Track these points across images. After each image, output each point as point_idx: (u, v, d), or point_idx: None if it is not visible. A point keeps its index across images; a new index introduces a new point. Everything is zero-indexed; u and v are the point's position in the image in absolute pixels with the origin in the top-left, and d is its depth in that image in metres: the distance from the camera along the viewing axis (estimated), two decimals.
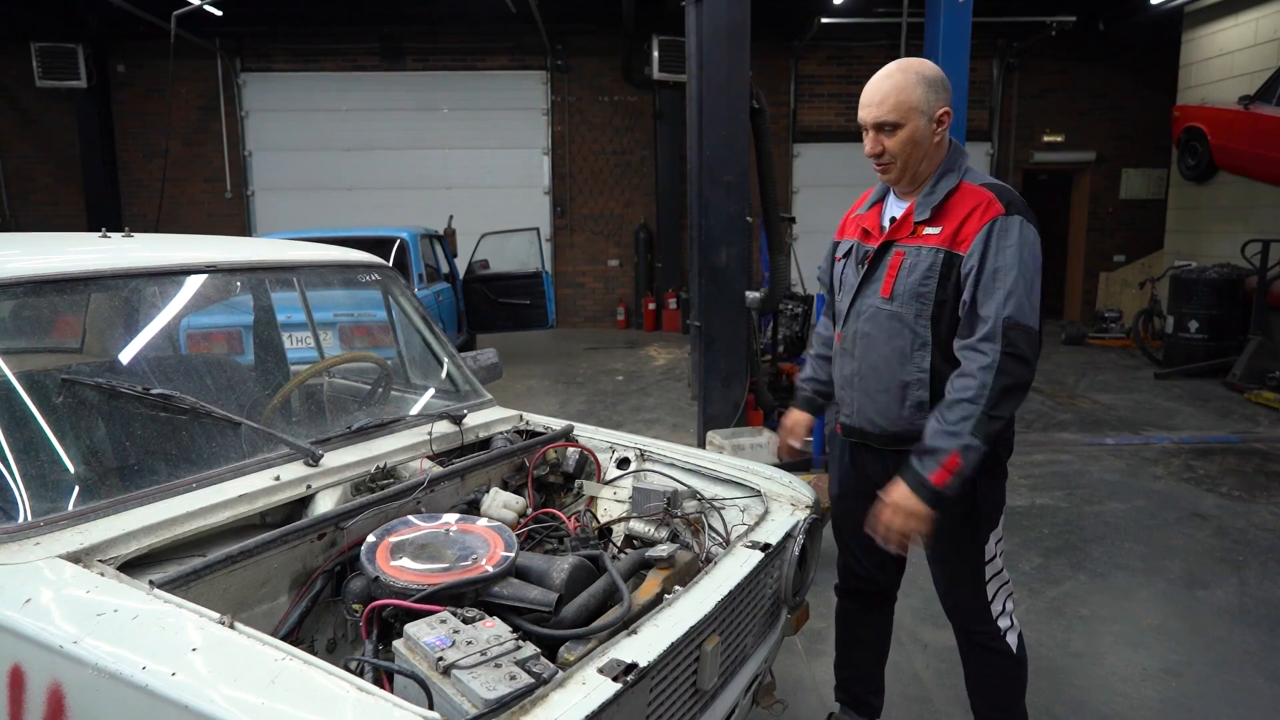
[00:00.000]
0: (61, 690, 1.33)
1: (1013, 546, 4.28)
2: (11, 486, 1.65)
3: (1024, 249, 1.98)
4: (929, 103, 2.04)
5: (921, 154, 2.08)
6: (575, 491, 2.50)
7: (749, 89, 5.02)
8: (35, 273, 1.95)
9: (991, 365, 1.92)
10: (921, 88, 2.04)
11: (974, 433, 1.92)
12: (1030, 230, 2.01)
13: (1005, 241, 1.98)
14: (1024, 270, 1.96)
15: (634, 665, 1.42)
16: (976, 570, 2.22)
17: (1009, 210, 2.01)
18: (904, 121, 2.05)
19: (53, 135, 12.48)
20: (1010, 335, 1.91)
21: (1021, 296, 1.94)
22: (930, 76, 2.06)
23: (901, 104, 2.04)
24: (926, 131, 2.06)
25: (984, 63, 12.34)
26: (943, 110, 2.06)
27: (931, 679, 3.07)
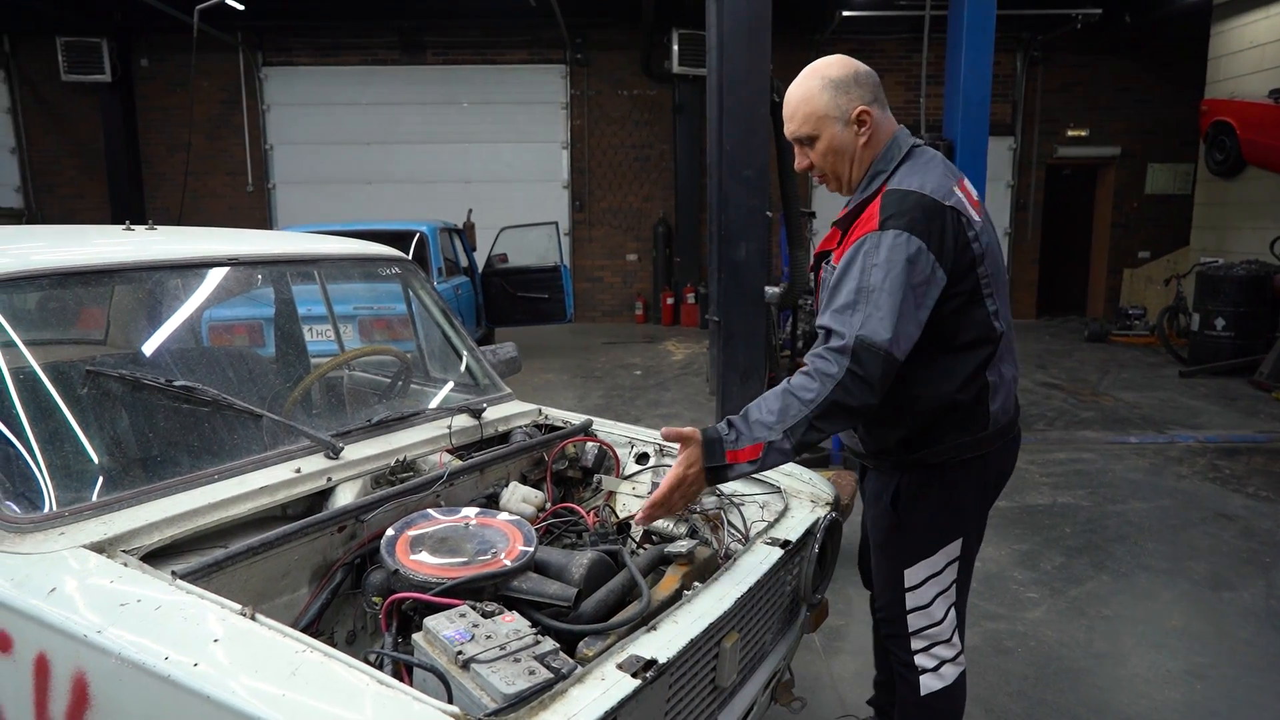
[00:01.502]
0: (86, 679, 1.34)
1: (1034, 545, 4.24)
2: (37, 476, 1.66)
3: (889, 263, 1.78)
4: (839, 106, 1.91)
5: (847, 160, 1.96)
6: (594, 486, 2.49)
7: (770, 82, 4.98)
8: (60, 265, 1.97)
9: (840, 376, 1.76)
10: (828, 93, 1.91)
11: (788, 434, 1.79)
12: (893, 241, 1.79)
13: (870, 257, 1.80)
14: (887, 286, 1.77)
15: (653, 661, 1.41)
16: (895, 598, 2.07)
17: (883, 225, 1.81)
18: (817, 132, 1.94)
19: (77, 129, 12.61)
20: (859, 353, 1.75)
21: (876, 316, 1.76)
22: (836, 77, 1.91)
23: (810, 115, 1.93)
24: (846, 136, 1.93)
25: (1007, 56, 12.20)
26: (859, 109, 1.91)
27: None
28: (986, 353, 1.94)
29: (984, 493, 2.07)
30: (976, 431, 1.96)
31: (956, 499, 2.02)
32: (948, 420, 1.94)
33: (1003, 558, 4.09)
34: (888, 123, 1.97)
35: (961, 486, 2.01)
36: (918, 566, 2.02)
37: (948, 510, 2.02)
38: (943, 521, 2.02)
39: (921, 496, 2.00)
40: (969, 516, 2.05)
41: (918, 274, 1.78)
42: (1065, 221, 13.24)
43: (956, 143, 5.76)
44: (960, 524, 2.04)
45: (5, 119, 12.62)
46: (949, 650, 2.08)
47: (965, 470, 1.99)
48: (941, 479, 1.99)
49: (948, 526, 2.02)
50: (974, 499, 2.05)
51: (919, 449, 1.97)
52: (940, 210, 1.83)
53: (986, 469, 2.03)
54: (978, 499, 2.06)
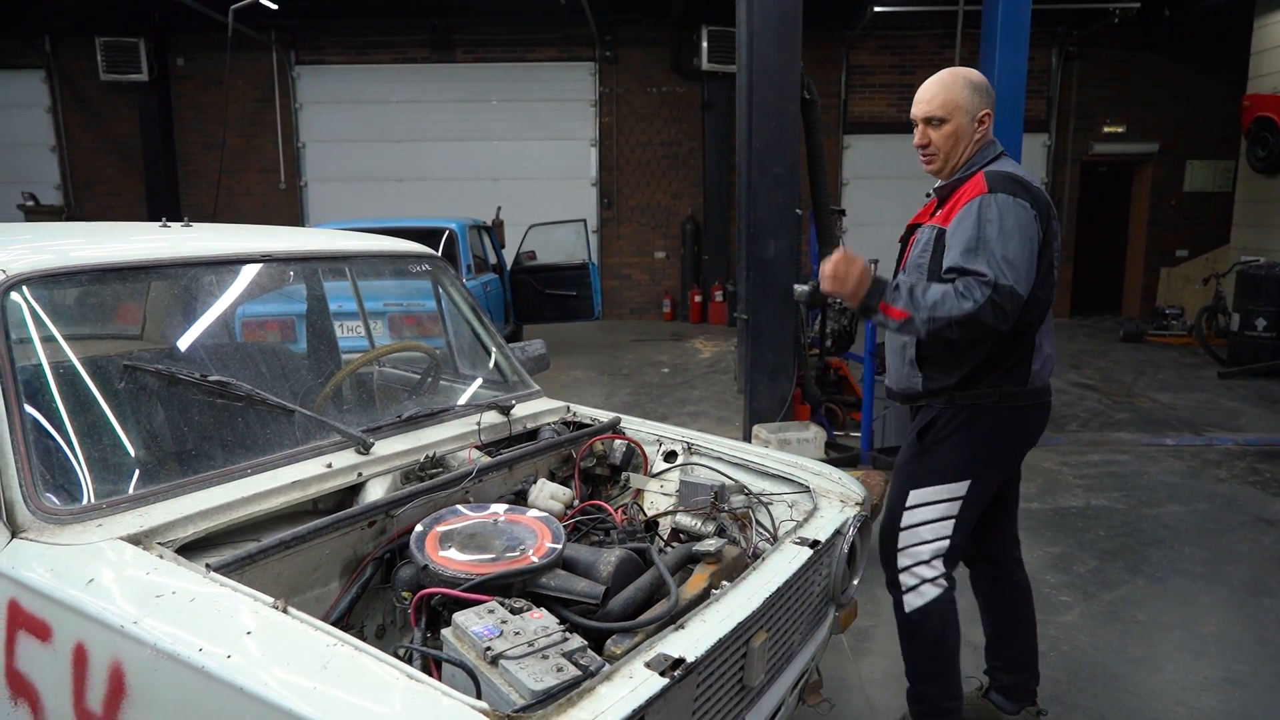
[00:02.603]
0: (122, 669, 1.36)
1: (1067, 548, 4.18)
2: (76, 469, 1.69)
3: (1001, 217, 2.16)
4: (973, 104, 2.31)
5: (962, 148, 2.34)
6: (622, 484, 2.49)
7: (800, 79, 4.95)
8: (99, 261, 2.00)
9: (983, 300, 2.10)
10: (967, 91, 2.32)
11: (928, 321, 2.15)
12: (1007, 202, 2.18)
13: (985, 214, 2.17)
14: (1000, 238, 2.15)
15: (681, 660, 1.41)
16: (894, 514, 2.40)
17: (991, 190, 2.20)
18: (949, 118, 2.32)
19: (115, 128, 12.84)
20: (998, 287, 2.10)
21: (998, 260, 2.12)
22: (976, 82, 2.34)
23: (949, 102, 2.32)
24: (968, 128, 2.33)
25: (1042, 51, 12.02)
26: (984, 112, 2.33)
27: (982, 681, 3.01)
28: (1039, 318, 2.29)
29: (1006, 448, 2.38)
30: (1016, 385, 2.29)
31: (978, 442, 2.32)
32: (997, 368, 2.28)
33: (1035, 560, 4.03)
34: (987, 129, 2.37)
35: (987, 433, 2.32)
36: (923, 490, 2.34)
37: (967, 449, 2.32)
38: (959, 459, 2.32)
39: (950, 432, 2.32)
40: (984, 464, 2.35)
41: (1030, 227, 2.18)
42: (1100, 219, 13.02)
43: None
44: (973, 468, 2.33)
45: (46, 118, 12.88)
46: (930, 571, 2.36)
47: (996, 418, 2.30)
48: (972, 420, 2.30)
49: (962, 465, 2.32)
50: (995, 449, 2.35)
51: (967, 387, 2.29)
52: (1033, 187, 2.24)
53: (1017, 425, 2.35)
54: (999, 451, 2.37)
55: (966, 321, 2.11)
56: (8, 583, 1.52)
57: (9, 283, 1.79)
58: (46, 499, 1.61)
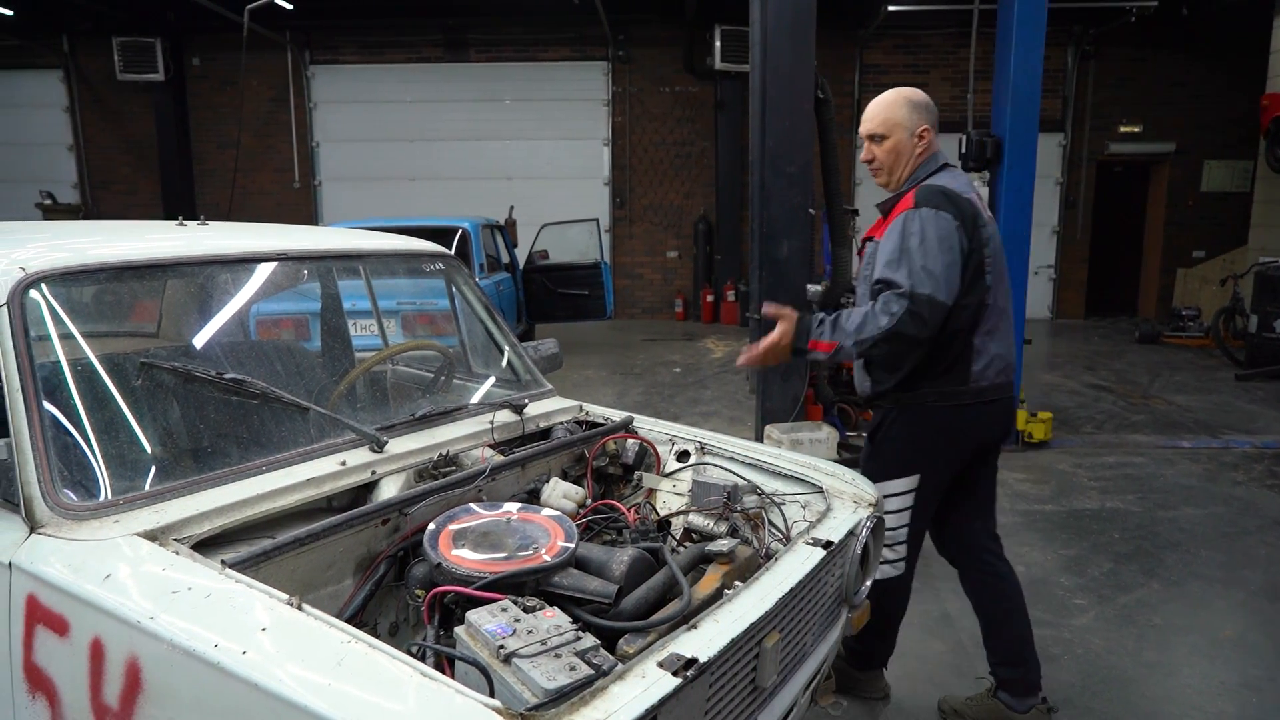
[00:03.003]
0: (139, 664, 1.37)
1: (1081, 551, 4.15)
2: (93, 465, 1.70)
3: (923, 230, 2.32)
4: (912, 121, 2.48)
5: (904, 163, 2.52)
6: (634, 483, 2.49)
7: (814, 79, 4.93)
8: (116, 259, 2.01)
9: (900, 313, 2.27)
10: (906, 109, 2.49)
11: (856, 345, 2.33)
12: (929, 215, 2.34)
13: (909, 228, 2.34)
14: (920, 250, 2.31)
15: (694, 660, 1.40)
16: None
17: (917, 205, 2.37)
18: (889, 134, 2.50)
19: (131, 127, 12.94)
20: (915, 297, 2.26)
21: (918, 270, 2.29)
22: (916, 101, 2.51)
23: (888, 120, 2.50)
24: (908, 144, 2.50)
25: (1058, 50, 11.95)
26: (923, 128, 2.49)
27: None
28: (973, 321, 2.42)
29: (949, 443, 2.51)
30: (955, 385, 2.44)
31: (921, 438, 2.49)
32: (934, 368, 2.43)
33: (1048, 563, 4.01)
34: (936, 144, 2.54)
35: (927, 430, 2.48)
36: (880, 485, 2.40)
37: (911, 446, 2.50)
38: (905, 455, 2.50)
39: (895, 432, 2.51)
40: (930, 459, 2.50)
41: (951, 238, 2.33)
42: (1116, 219, 12.93)
43: (1005, 139, 5.65)
44: (920, 463, 2.50)
45: (64, 117, 13.00)
46: (891, 554, 2.56)
47: (935, 416, 2.46)
48: (913, 419, 2.48)
49: (908, 461, 2.49)
50: (938, 445, 2.50)
51: (907, 390, 2.46)
52: (960, 199, 2.40)
53: (958, 423, 2.47)
54: (944, 447, 2.51)
55: (890, 336, 2.29)
56: (26, 577, 1.53)
57: (28, 280, 1.80)
58: (64, 495, 1.62)
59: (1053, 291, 12.93)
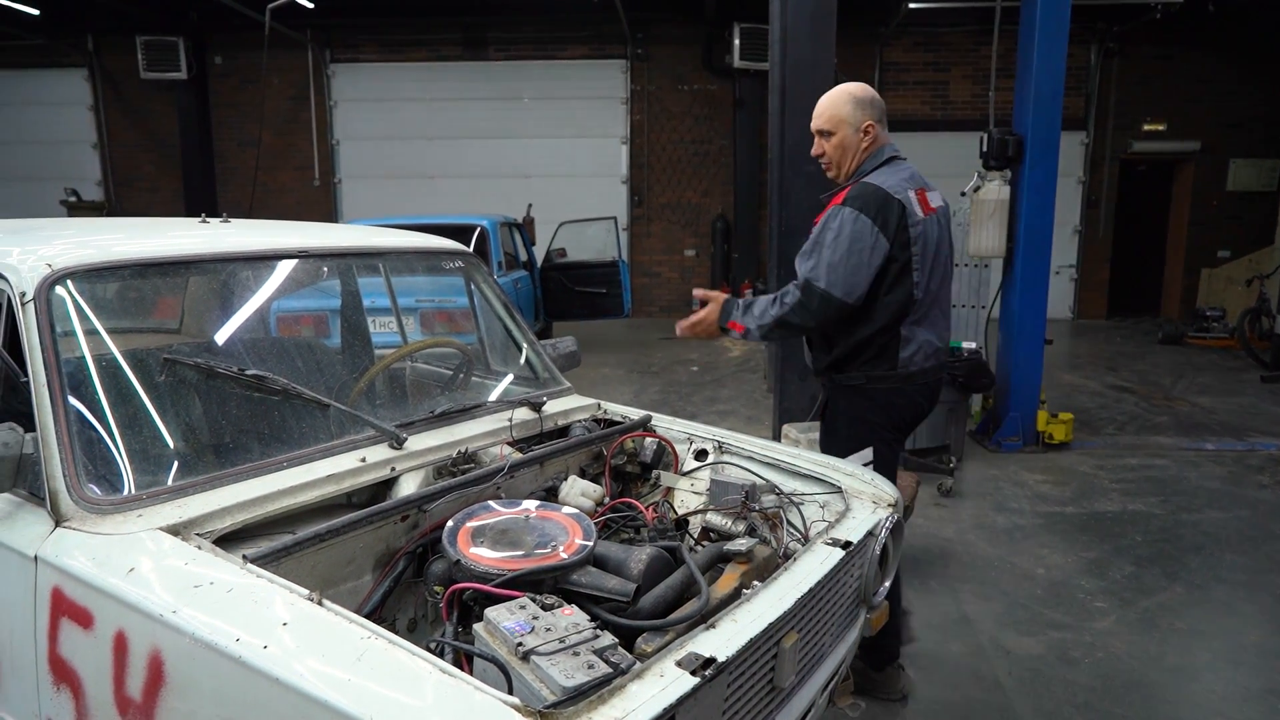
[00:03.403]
0: (161, 657, 1.38)
1: (1102, 553, 4.11)
2: (117, 460, 1.72)
3: (840, 229, 2.49)
4: (856, 117, 2.61)
5: (850, 157, 2.66)
6: (652, 482, 2.49)
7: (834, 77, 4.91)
8: (140, 256, 2.03)
9: (792, 302, 2.53)
10: (850, 105, 2.61)
11: (759, 328, 2.60)
12: (849, 216, 2.50)
13: (830, 224, 2.52)
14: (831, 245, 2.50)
15: (712, 660, 1.40)
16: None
17: (844, 203, 2.53)
18: (835, 130, 2.64)
19: (154, 125, 13.07)
20: (806, 289, 2.50)
21: (820, 265, 2.49)
22: (860, 97, 2.63)
23: (834, 117, 2.63)
24: (853, 139, 2.63)
25: (1081, 48, 11.82)
26: (868, 123, 2.61)
27: (1014, 687, 2.97)
28: (900, 313, 2.58)
29: (886, 421, 2.68)
30: (884, 369, 2.62)
31: (860, 416, 2.67)
32: (863, 354, 2.62)
33: (1069, 565, 3.97)
34: (884, 138, 2.66)
35: (863, 409, 2.67)
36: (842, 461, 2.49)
37: (855, 422, 2.68)
38: (853, 430, 2.67)
39: (839, 410, 2.72)
40: (874, 432, 2.67)
41: (862, 241, 2.48)
42: (1139, 219, 12.78)
43: (1027, 138, 5.59)
44: (868, 437, 2.66)
45: (88, 115, 13.14)
46: None
47: (868, 397, 2.66)
48: (850, 399, 2.68)
49: (857, 436, 2.66)
50: (879, 421, 2.68)
51: (840, 371, 2.67)
52: (889, 200, 2.51)
53: (890, 403, 2.67)
54: (882, 421, 2.68)
55: (779, 323, 2.55)
56: (52, 570, 1.55)
57: (53, 277, 1.83)
58: (89, 489, 1.64)
59: (1074, 291, 12.80)
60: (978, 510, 4.68)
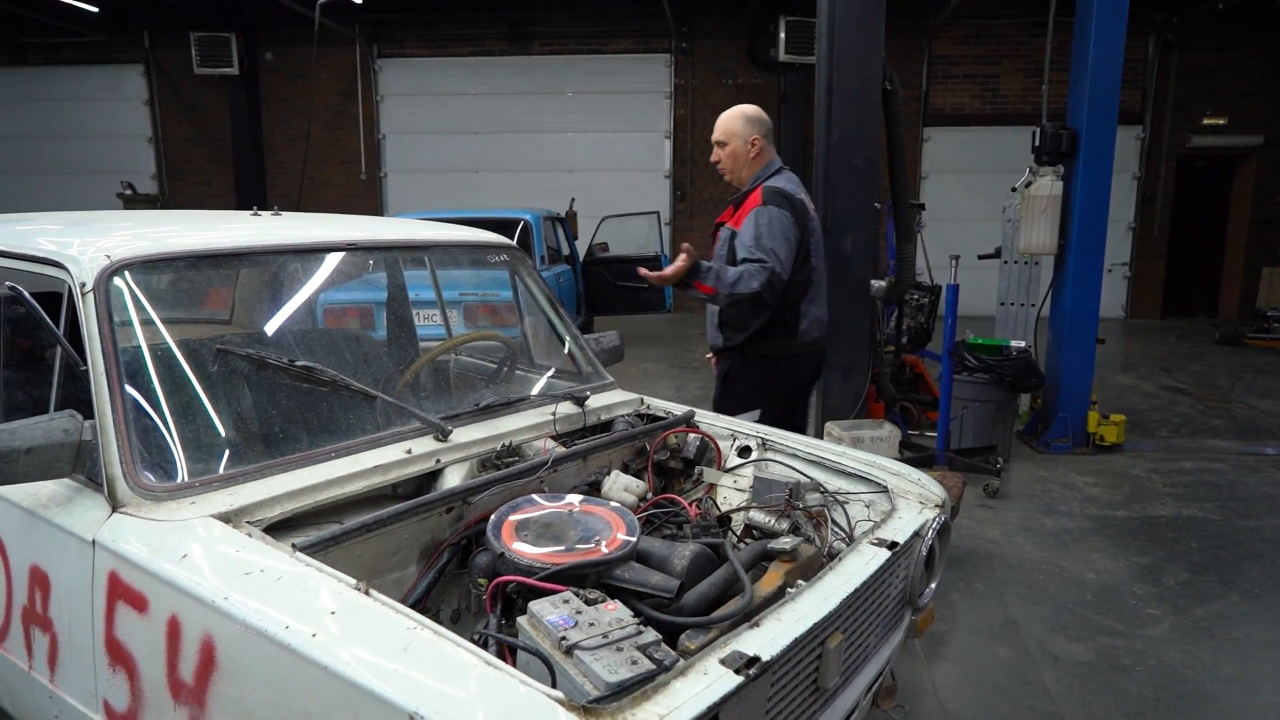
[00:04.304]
0: (213, 642, 1.41)
1: (1155, 559, 4.00)
2: (171, 448, 1.75)
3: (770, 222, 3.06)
4: (745, 131, 3.22)
5: (740, 165, 3.26)
6: (694, 478, 2.47)
7: (882, 70, 4.83)
8: (195, 248, 2.07)
9: (762, 284, 2.98)
10: (740, 121, 3.23)
11: (728, 295, 3.01)
12: (775, 213, 3.08)
13: (760, 220, 3.07)
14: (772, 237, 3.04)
15: (756, 659, 1.38)
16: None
17: (764, 203, 3.09)
18: (728, 142, 3.25)
19: (207, 120, 13.34)
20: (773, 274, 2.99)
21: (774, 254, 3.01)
22: (750, 115, 3.24)
23: (727, 130, 3.25)
24: (743, 150, 3.24)
25: (1138, 39, 11.49)
26: (754, 138, 3.23)
27: (1062, 693, 2.91)
28: (804, 291, 3.20)
29: (781, 384, 3.26)
30: (785, 341, 3.20)
31: (760, 380, 3.18)
32: (771, 329, 3.17)
33: (1120, 570, 3.87)
34: (770, 151, 3.30)
35: (765, 374, 3.20)
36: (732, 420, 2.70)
37: (753, 386, 3.17)
38: (749, 393, 3.09)
39: (740, 376, 3.17)
40: (767, 395, 3.16)
41: (789, 230, 3.08)
42: (1197, 216, 12.40)
43: (1081, 132, 5.46)
44: (759, 399, 3.08)
45: (144, 110, 13.46)
46: None
47: (772, 364, 3.21)
48: (754, 366, 3.18)
49: (751, 397, 3.05)
50: (773, 385, 3.22)
51: (753, 344, 3.18)
52: (793, 199, 3.16)
53: (790, 368, 3.26)
54: (776, 386, 3.23)
55: (755, 297, 3.02)
56: (109, 555, 1.59)
57: (112, 268, 1.87)
58: (144, 476, 1.67)
59: (1127, 290, 12.49)
60: (1025, 512, 4.59)
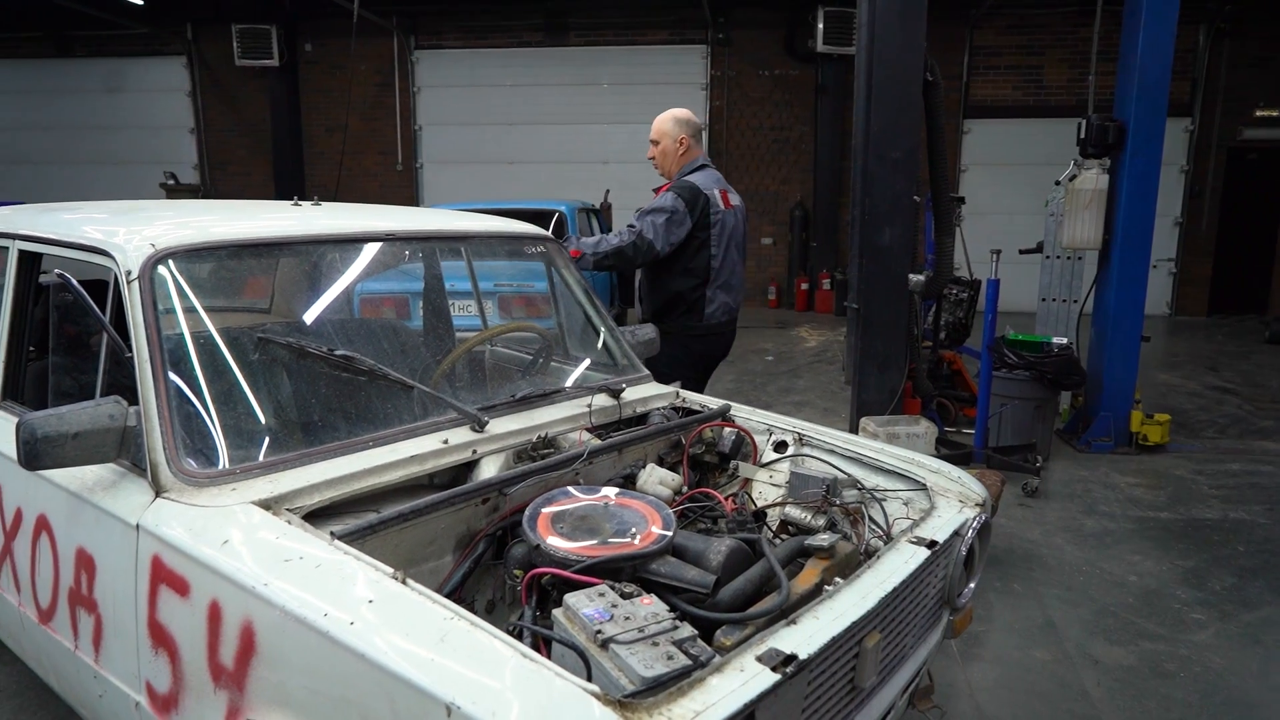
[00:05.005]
0: (253, 628, 1.42)
1: (1200, 563, 3.91)
2: (213, 435, 1.77)
3: (662, 204, 3.48)
4: (675, 132, 3.63)
5: (670, 161, 3.67)
6: (730, 472, 2.46)
7: (923, 61, 4.75)
8: (237, 237, 2.09)
9: (623, 240, 3.43)
10: (671, 123, 3.64)
11: (593, 255, 3.42)
12: (671, 198, 3.48)
13: (661, 202, 3.49)
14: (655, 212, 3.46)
15: (793, 657, 1.37)
16: None
17: (670, 190, 3.52)
18: (660, 140, 3.67)
19: (247, 111, 13.53)
20: (637, 234, 3.42)
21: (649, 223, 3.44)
22: (680, 118, 3.66)
23: (659, 130, 3.66)
24: (672, 148, 3.65)
25: (1189, 28, 11.19)
26: (683, 137, 3.63)
27: (1102, 698, 2.85)
28: (704, 278, 3.58)
29: (692, 360, 3.63)
30: (694, 321, 3.60)
31: (672, 356, 3.34)
32: (677, 308, 3.59)
33: (1164, 574, 3.79)
34: (697, 149, 3.70)
35: (677, 350, 3.46)
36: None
37: (669, 363, 3.29)
38: (666, 369, 3.16)
39: (663, 350, 3.21)
40: (681, 370, 3.48)
41: (677, 216, 3.47)
42: (1247, 211, 12.06)
43: (1129, 124, 5.32)
44: (675, 374, 3.31)
45: (186, 101, 13.69)
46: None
47: (681, 342, 3.54)
48: (670, 343, 3.29)
49: (668, 373, 3.13)
50: (684, 361, 3.56)
51: (659, 320, 3.51)
52: (699, 193, 3.53)
53: (699, 347, 3.66)
54: (688, 361, 3.60)
55: (615, 252, 3.39)
56: (152, 539, 1.61)
57: (157, 256, 1.89)
58: (187, 462, 1.69)
59: (1172, 286, 12.20)
60: (1065, 512, 4.51)
